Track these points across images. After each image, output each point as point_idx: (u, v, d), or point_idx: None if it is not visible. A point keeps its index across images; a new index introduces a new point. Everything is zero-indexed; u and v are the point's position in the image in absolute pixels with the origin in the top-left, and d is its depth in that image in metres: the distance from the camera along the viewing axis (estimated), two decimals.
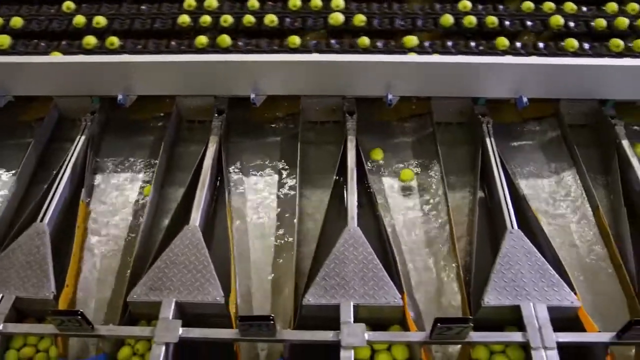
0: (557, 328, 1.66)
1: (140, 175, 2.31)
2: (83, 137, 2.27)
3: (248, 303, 1.93)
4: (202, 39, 2.45)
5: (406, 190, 2.24)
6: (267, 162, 2.34)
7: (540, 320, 1.67)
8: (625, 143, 2.19)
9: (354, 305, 1.71)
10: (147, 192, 2.17)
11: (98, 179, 2.30)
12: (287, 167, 2.32)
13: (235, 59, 2.27)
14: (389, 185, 2.26)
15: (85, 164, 2.24)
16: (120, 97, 2.30)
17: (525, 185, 2.24)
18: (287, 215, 2.16)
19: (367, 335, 1.64)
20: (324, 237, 2.00)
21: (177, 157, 2.37)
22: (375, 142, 2.37)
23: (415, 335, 1.67)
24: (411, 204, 2.20)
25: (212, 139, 2.23)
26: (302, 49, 2.44)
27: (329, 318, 1.71)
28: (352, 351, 1.60)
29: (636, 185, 2.08)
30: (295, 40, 2.45)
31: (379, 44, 2.45)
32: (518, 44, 2.48)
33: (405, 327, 1.76)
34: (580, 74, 2.24)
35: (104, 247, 2.09)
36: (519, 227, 1.91)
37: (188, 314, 1.77)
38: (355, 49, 2.42)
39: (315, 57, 2.30)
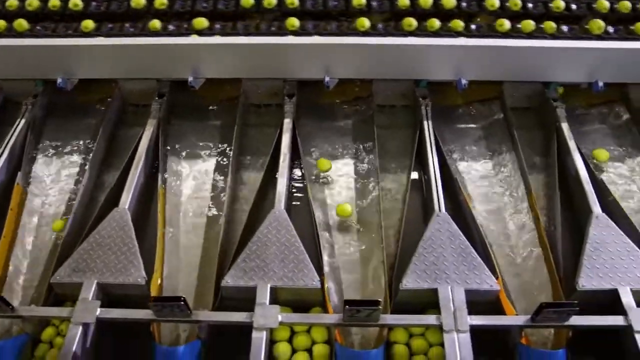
0: (478, 312, 1.66)
1: (79, 159, 2.29)
2: (23, 121, 2.25)
3: (174, 285, 1.94)
4: (155, 23, 2.44)
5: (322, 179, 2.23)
6: (206, 145, 2.33)
7: (456, 303, 1.67)
8: (564, 126, 2.16)
9: (271, 287, 1.72)
10: (55, 228, 2.07)
11: (37, 162, 2.28)
12: (226, 150, 2.30)
13: (173, 42, 2.24)
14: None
15: (24, 148, 2.23)
16: (59, 80, 2.28)
17: (464, 168, 2.22)
18: (222, 197, 2.14)
19: (281, 317, 1.65)
20: (252, 220, 2.00)
21: (118, 141, 2.35)
22: (316, 124, 2.37)
23: (328, 317, 1.67)
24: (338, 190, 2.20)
25: (150, 121, 2.22)
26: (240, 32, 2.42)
27: (249, 300, 1.71)
28: (264, 332, 1.61)
29: (572, 170, 2.06)
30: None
31: (310, 25, 2.43)
32: (473, 26, 2.47)
33: (325, 310, 1.77)
34: (523, 56, 2.20)
35: (37, 230, 2.08)
36: (446, 210, 1.91)
37: (111, 295, 1.80)
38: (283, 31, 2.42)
39: (255, 39, 2.26)
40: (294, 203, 2.12)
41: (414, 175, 2.17)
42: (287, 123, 2.18)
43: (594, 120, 2.40)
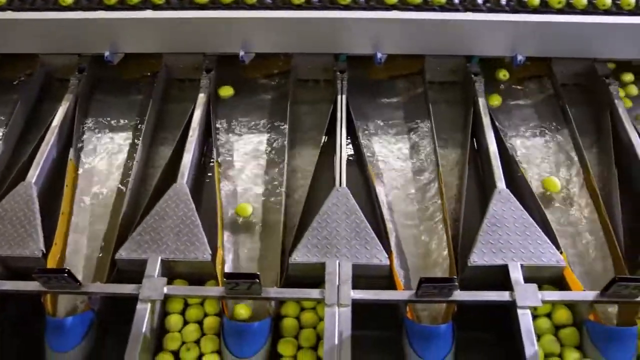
0: (374, 287, 1.67)
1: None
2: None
3: (77, 258, 1.93)
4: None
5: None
6: (124, 120, 2.31)
7: (342, 277, 1.66)
8: (481, 101, 2.13)
9: (163, 260, 1.73)
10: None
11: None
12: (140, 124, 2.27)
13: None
14: None
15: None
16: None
17: (377, 143, 2.20)
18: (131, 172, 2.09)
19: (167, 289, 1.66)
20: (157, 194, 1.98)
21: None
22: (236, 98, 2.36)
23: (213, 290, 1.68)
24: None
25: (67, 96, 2.20)
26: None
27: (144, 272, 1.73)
28: (149, 304, 1.62)
29: (484, 145, 2.03)
30: None
31: None
32: None
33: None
34: (442, 30, 2.16)
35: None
36: (350, 186, 1.89)
37: (12, 269, 1.80)
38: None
39: (175, 13, 2.20)
40: (207, 181, 2.12)
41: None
42: (201, 98, 2.17)
43: (519, 95, 2.38)
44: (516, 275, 1.67)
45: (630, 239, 1.87)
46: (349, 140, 2.15)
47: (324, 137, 2.11)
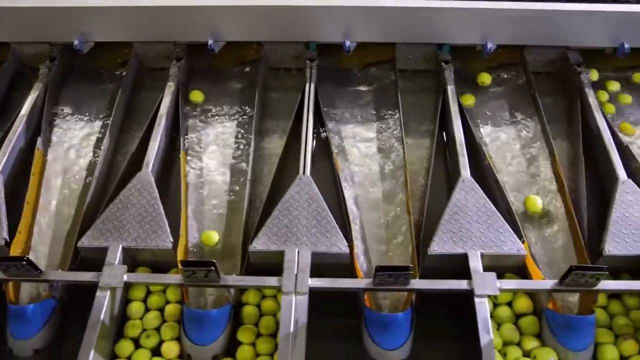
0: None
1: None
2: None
3: (44, 248, 1.93)
4: None
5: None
6: (95, 110, 2.30)
7: (301, 266, 1.66)
8: (450, 89, 2.12)
9: (124, 248, 1.73)
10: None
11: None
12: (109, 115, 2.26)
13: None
14: None
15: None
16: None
17: (345, 130, 2.19)
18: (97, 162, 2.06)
19: (127, 276, 1.66)
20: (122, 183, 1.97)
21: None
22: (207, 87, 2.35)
23: (172, 278, 1.67)
24: None
25: (36, 85, 2.20)
26: None
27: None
28: (108, 292, 1.63)
29: (452, 134, 2.02)
30: None
31: None
32: None
33: None
34: (414, 17, 2.14)
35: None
36: (314, 173, 1.89)
37: None
38: None
39: (145, 2, 2.20)
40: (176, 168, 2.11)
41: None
42: (170, 86, 2.17)
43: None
44: (475, 263, 1.67)
45: (594, 228, 1.86)
46: (321, 129, 2.16)
47: (291, 125, 2.10)
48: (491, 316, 1.73)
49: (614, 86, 2.31)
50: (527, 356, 1.64)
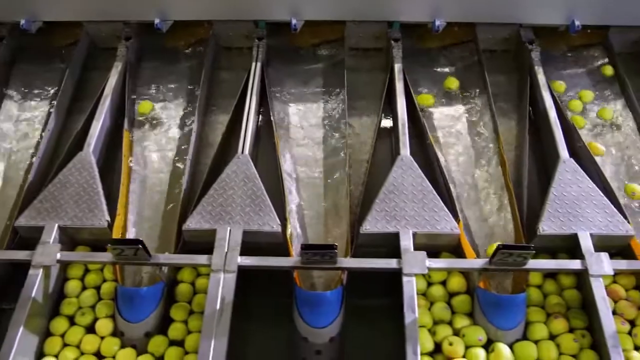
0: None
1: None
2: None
3: None
4: None
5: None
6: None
7: (231, 244, 1.66)
8: (397, 67, 2.09)
9: (61, 227, 1.73)
10: None
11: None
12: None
13: None
14: None
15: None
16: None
17: (288, 109, 2.18)
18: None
19: (60, 255, 1.66)
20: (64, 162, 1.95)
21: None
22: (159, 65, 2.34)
23: (102, 256, 1.66)
24: None
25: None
26: None
27: None
28: (41, 270, 1.64)
29: (395, 109, 2.00)
30: None
31: None
32: None
33: None
34: None
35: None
36: (253, 152, 1.89)
37: None
38: None
39: None
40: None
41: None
42: (117, 66, 2.16)
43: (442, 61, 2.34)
44: (406, 242, 1.67)
45: (537, 207, 1.85)
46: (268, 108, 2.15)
47: (235, 104, 2.08)
48: (425, 295, 1.74)
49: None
50: (457, 334, 1.64)
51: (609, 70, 2.28)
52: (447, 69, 2.28)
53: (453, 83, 2.21)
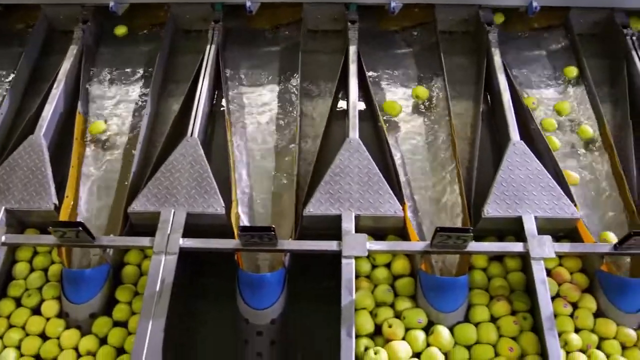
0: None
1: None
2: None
3: None
4: None
5: None
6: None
7: (174, 226, 1.67)
8: (352, 49, 2.07)
9: (8, 210, 1.75)
10: None
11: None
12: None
13: None
14: None
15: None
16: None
17: (242, 91, 2.17)
18: None
19: (5, 237, 1.68)
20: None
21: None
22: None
23: (46, 239, 1.67)
24: None
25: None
26: None
27: None
28: None
29: (348, 94, 1.99)
30: None
31: None
32: None
33: None
34: None
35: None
36: (204, 135, 1.89)
37: None
38: None
39: None
40: None
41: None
42: (73, 49, 2.16)
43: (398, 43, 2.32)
44: (348, 225, 1.66)
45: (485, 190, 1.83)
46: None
47: (189, 86, 2.07)
48: (369, 277, 1.75)
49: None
50: (399, 317, 1.64)
51: (572, 72, 2.21)
52: (404, 51, 2.26)
53: (423, 93, 2.13)
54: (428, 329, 1.60)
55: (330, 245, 1.63)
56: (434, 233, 1.55)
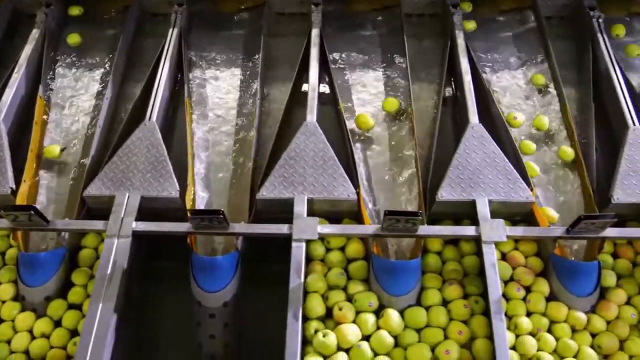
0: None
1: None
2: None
3: None
4: None
5: None
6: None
7: (128, 209, 1.67)
8: (315, 32, 2.06)
9: None
10: None
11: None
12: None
13: None
14: None
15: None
16: None
17: (206, 75, 2.16)
18: None
19: None
20: None
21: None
22: None
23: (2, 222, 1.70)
24: None
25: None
26: None
27: None
28: None
29: (312, 77, 1.98)
30: None
31: None
32: None
33: None
34: None
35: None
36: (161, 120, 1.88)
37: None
38: None
39: None
40: None
41: None
42: (34, 34, 2.14)
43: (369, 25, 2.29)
44: (300, 208, 1.66)
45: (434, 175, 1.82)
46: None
47: (150, 70, 2.06)
48: (323, 261, 1.75)
49: None
50: (351, 300, 1.65)
51: (540, 80, 2.14)
52: (369, 33, 2.24)
53: (392, 105, 2.07)
54: (380, 312, 1.61)
55: (281, 229, 1.63)
56: (383, 216, 1.55)
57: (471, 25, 2.22)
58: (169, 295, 1.78)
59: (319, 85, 1.93)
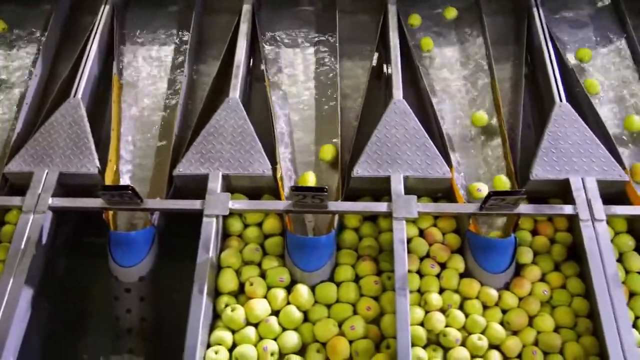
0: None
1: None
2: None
3: None
4: None
5: None
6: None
7: (45, 185, 1.69)
8: (246, 7, 2.04)
9: None
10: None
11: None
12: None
13: None
14: None
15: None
16: None
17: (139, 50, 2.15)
18: None
19: None
20: None
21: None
22: None
23: None
24: None
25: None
26: None
27: None
28: None
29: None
30: None
31: None
32: None
33: None
34: None
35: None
36: None
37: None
38: None
39: None
40: None
41: None
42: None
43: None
44: (213, 184, 1.67)
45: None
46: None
47: (81, 46, 2.04)
48: (240, 236, 1.75)
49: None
50: (263, 276, 1.65)
51: (451, 13, 2.18)
52: (306, 9, 2.21)
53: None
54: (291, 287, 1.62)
55: (194, 204, 1.63)
56: (289, 192, 1.55)
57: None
58: (92, 271, 1.79)
59: (250, 62, 1.92)
